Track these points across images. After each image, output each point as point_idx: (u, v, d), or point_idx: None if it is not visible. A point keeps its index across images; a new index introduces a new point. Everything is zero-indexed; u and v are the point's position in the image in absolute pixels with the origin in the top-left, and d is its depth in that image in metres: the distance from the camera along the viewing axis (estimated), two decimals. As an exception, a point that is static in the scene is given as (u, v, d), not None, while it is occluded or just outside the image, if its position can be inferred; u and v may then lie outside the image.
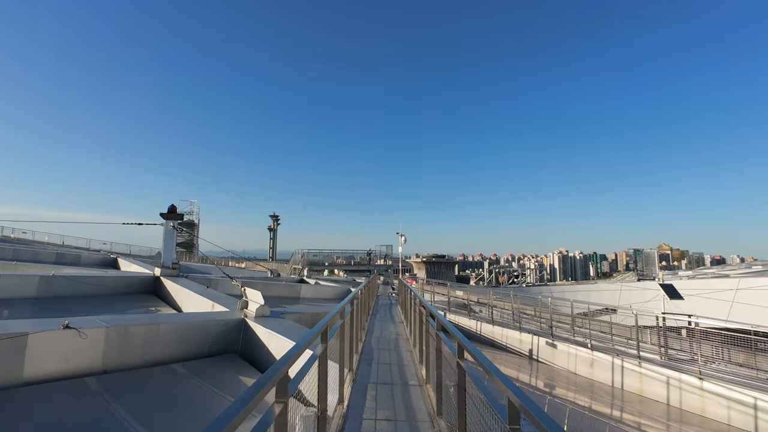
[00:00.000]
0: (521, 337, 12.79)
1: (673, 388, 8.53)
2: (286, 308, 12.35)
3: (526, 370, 10.80)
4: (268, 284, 17.70)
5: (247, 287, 16.76)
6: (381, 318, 11.88)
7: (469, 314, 16.10)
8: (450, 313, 16.08)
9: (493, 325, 14.11)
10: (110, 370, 5.41)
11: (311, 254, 30.99)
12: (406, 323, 9.35)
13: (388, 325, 10.55)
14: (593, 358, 10.35)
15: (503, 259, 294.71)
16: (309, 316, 8.99)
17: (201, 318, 6.90)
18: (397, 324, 10.76)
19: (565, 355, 11.18)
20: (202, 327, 6.66)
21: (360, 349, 6.98)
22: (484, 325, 14.43)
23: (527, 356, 12.38)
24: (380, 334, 8.94)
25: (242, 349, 7.18)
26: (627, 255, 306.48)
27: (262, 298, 8.06)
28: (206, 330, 6.71)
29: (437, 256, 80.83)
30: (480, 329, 14.51)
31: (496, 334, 13.79)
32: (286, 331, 6.60)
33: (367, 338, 8.46)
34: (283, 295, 17.61)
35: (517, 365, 11.09)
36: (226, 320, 7.11)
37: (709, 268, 70.42)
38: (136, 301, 11.60)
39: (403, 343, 8.01)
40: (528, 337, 12.58)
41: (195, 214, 72.89)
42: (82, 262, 23.17)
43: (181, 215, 15.38)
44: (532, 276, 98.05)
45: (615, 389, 9.44)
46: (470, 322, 15.15)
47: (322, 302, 17.94)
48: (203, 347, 6.64)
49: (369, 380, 4.96)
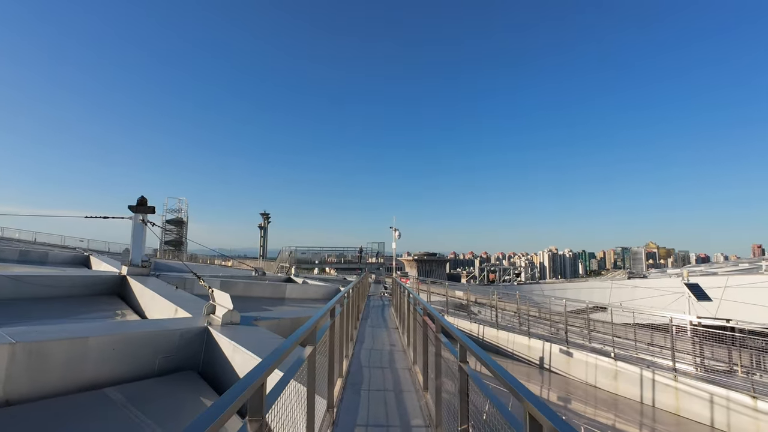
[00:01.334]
0: (530, 343, 11.48)
1: (719, 408, 7.35)
2: (263, 312, 11.07)
3: (536, 380, 9.70)
4: (250, 284, 16.37)
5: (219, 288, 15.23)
6: (372, 322, 10.61)
7: (470, 317, 14.83)
8: (448, 315, 14.91)
9: (498, 329, 12.80)
10: (15, 401, 4.12)
11: (299, 252, 29.58)
12: (402, 330, 8.10)
13: (381, 331, 9.29)
14: (617, 369, 9.12)
15: (494, 257, 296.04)
16: (288, 322, 7.74)
17: (150, 327, 5.61)
18: (390, 331, 9.51)
19: (582, 364, 9.88)
20: (149, 339, 5.38)
21: (346, 369, 5.76)
22: (487, 329, 13.05)
23: (537, 365, 11.15)
24: (372, 345, 7.67)
25: (204, 364, 5.92)
26: (615, 253, 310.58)
27: (231, 301, 6.79)
28: (155, 342, 5.43)
29: (429, 254, 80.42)
30: (483, 333, 13.17)
31: (501, 340, 12.46)
32: (255, 343, 5.38)
33: (355, 350, 7.22)
34: (266, 296, 16.29)
35: (525, 375, 9.94)
36: (184, 330, 5.84)
37: (698, 265, 71.13)
38: (94, 305, 10.20)
39: (400, 358, 6.74)
40: (538, 343, 11.31)
41: (184, 212, 70.34)
42: (50, 261, 21.46)
43: (152, 208, 13.95)
44: (524, 274, 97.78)
45: (644, 406, 8.27)
46: (471, 325, 13.77)
47: (309, 303, 16.69)
48: (151, 365, 5.36)
49: (356, 421, 3.63)
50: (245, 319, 7.07)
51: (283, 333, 7.50)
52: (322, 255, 32.79)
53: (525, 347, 11.63)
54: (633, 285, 33.45)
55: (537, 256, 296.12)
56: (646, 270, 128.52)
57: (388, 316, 12.09)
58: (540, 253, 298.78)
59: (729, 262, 60.77)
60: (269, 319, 7.48)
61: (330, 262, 33.89)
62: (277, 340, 5.72)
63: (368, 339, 8.08)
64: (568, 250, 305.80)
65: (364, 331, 9.07)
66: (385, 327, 9.58)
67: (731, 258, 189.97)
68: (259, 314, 8.08)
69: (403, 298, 7.99)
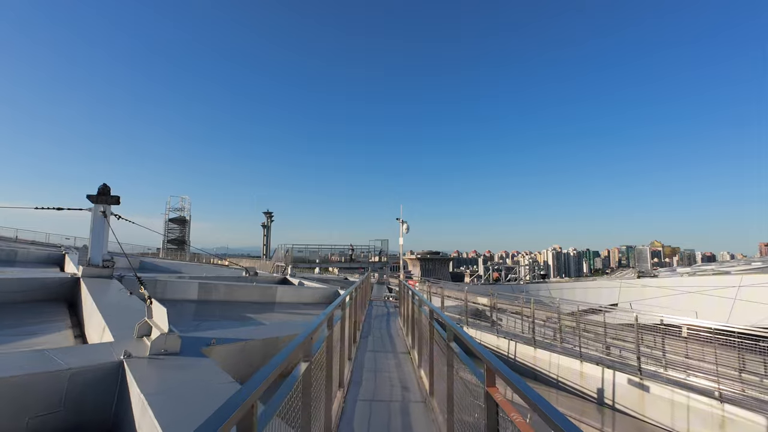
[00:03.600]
0: (583, 369, 8.70)
1: None
2: (239, 324, 8.97)
3: (594, 420, 7.35)
4: (233, 287, 14.21)
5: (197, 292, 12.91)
6: (375, 343, 7.90)
7: (496, 330, 11.91)
8: (468, 326, 12.47)
9: (535, 348, 10.09)
10: None
11: (296, 250, 27.44)
12: (418, 360, 5.89)
13: (387, 361, 6.52)
14: (724, 415, 6.17)
15: (497, 256, 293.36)
16: (259, 345, 5.56)
17: (14, 369, 3.48)
18: (401, 359, 6.70)
19: (665, 404, 7.11)
20: (11, 389, 3.27)
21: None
22: (520, 347, 10.43)
23: (594, 400, 8.40)
24: (374, 388, 5.32)
25: (116, 420, 3.81)
26: (619, 252, 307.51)
27: (167, 321, 4.68)
28: (22, 394, 3.32)
29: (432, 253, 79.10)
30: (514, 352, 10.57)
31: (539, 362, 9.80)
32: (183, 395, 3.26)
33: (348, 404, 4.92)
34: (252, 300, 14.18)
35: (579, 412, 7.60)
36: (80, 369, 3.72)
37: (707, 264, 69.05)
38: (23, 317, 8.11)
39: (421, 418, 4.30)
40: (595, 369, 8.44)
41: (186, 210, 68.54)
42: (19, 260, 19.46)
43: (115, 198, 11.84)
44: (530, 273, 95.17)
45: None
46: (498, 340, 11.09)
47: (302, 308, 14.57)
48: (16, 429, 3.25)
49: None
50: (194, 342, 4.95)
51: (249, 361, 5.38)
52: (322, 254, 30.60)
53: (575, 374, 8.94)
54: (642, 284, 31.99)
55: (541, 254, 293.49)
56: (651, 268, 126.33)
57: (395, 332, 9.64)
58: (544, 252, 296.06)
59: (739, 260, 58.68)
60: (232, 342, 5.33)
61: (333, 261, 31.79)
62: (226, 386, 3.59)
63: (368, 377, 5.79)
64: (572, 249, 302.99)
65: (363, 359, 6.75)
66: (392, 351, 7.30)
67: (738, 256, 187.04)
68: (224, 331, 5.93)
69: (417, 313, 5.75)
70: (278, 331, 6.33)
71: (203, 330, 8.41)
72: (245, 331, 6.06)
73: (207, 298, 12.97)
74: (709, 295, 26.39)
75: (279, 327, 6.82)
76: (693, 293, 27.27)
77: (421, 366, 5.45)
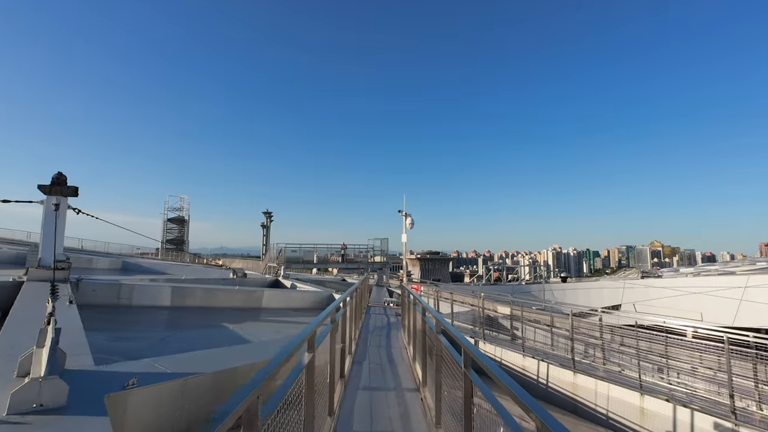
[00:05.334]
0: (644, 404, 6.45)
1: None
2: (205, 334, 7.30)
3: None
4: (213, 291, 12.52)
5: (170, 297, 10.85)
6: (372, 375, 5.84)
7: (521, 347, 9.71)
8: (485, 341, 10.31)
9: (575, 372, 7.83)
10: None
11: (289, 249, 25.75)
12: (433, 406, 3.93)
13: (387, 411, 4.44)
14: None
15: (497, 256, 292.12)
16: (207, 384, 3.93)
17: None
18: (406, 400, 4.77)
19: None
20: None
21: None
22: (553, 370, 8.20)
23: None
24: None
25: None
26: (619, 252, 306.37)
27: (49, 356, 3.04)
28: None
29: (431, 253, 78.00)
30: (546, 376, 8.30)
31: (581, 390, 7.53)
32: None
33: None
34: (235, 306, 12.56)
35: None
36: None
37: (711, 264, 67.83)
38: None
39: None
40: (663, 406, 6.17)
41: (185, 210, 66.86)
42: (-16, 261, 17.87)
43: (73, 189, 10.20)
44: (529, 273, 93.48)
45: None
46: (524, 359, 8.89)
47: (291, 314, 12.95)
48: None
49: None
50: (103, 383, 3.32)
51: (191, 407, 3.74)
52: (321, 254, 28.88)
53: (633, 410, 6.67)
54: (646, 285, 31.05)
55: (541, 254, 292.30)
56: (652, 268, 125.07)
57: (398, 353, 7.31)
58: (544, 252, 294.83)
59: (743, 260, 57.44)
60: (165, 380, 3.68)
61: (333, 261, 30.12)
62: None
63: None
64: (572, 249, 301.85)
65: (353, 406, 4.61)
66: (394, 389, 5.25)
67: (738, 256, 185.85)
68: (165, 361, 4.25)
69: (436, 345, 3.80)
70: (241, 356, 4.68)
71: (153, 350, 6.80)
72: (194, 361, 4.39)
73: (181, 304, 11.37)
74: (714, 296, 25.71)
75: (244, 352, 5.12)
76: (697, 294, 26.64)
77: (438, 418, 3.70)
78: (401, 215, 21.66)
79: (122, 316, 9.58)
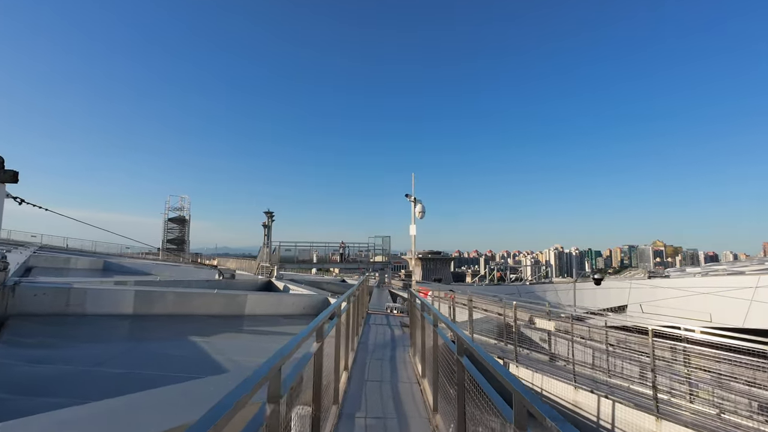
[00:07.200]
0: None
1: None
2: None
3: None
4: (187, 296, 10.55)
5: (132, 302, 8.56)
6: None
7: (574, 376, 7.06)
8: (517, 364, 7.88)
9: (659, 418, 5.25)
10: None
11: (284, 248, 23.98)
12: None
13: None
14: None
15: (499, 256, 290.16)
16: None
17: None
18: None
19: None
20: None
21: None
22: (626, 412, 5.45)
23: None
24: None
25: None
26: (621, 251, 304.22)
27: None
28: None
29: (433, 253, 76.51)
30: (611, 418, 5.64)
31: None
32: None
33: None
34: (213, 313, 10.76)
35: None
36: None
37: (719, 264, 66.28)
38: None
39: None
40: None
41: (186, 210, 65.26)
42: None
43: (11, 173, 8.44)
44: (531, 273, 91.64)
45: None
46: (576, 392, 6.51)
47: (280, 322, 11.17)
48: None
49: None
50: None
51: None
52: (320, 253, 27.10)
53: None
54: (653, 285, 30.43)
55: (543, 254, 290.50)
56: (655, 268, 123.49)
57: (408, 390, 5.12)
58: (546, 251, 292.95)
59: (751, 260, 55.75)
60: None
61: (333, 261, 28.40)
62: None
63: None
64: (574, 248, 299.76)
65: None
66: None
67: (741, 256, 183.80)
68: (29, 420, 2.51)
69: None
70: (163, 410, 2.89)
71: (81, 379, 5.02)
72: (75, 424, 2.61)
73: (146, 312, 9.58)
74: (723, 296, 25.12)
75: (172, 402, 3.29)
76: (706, 294, 25.97)
77: None
78: (409, 201, 19.29)
79: (66, 328, 7.82)
